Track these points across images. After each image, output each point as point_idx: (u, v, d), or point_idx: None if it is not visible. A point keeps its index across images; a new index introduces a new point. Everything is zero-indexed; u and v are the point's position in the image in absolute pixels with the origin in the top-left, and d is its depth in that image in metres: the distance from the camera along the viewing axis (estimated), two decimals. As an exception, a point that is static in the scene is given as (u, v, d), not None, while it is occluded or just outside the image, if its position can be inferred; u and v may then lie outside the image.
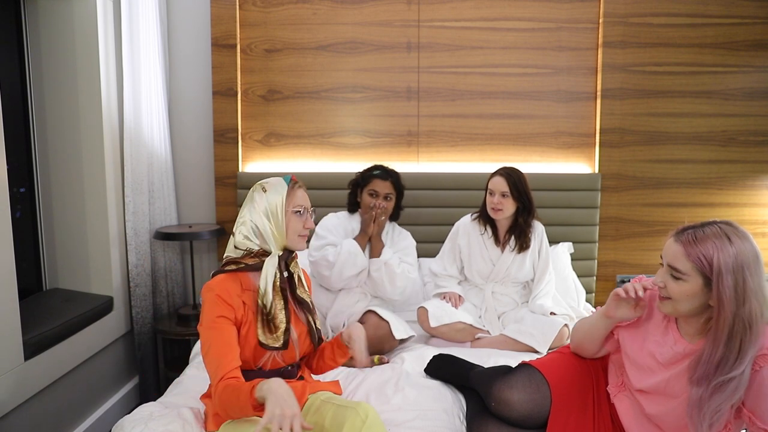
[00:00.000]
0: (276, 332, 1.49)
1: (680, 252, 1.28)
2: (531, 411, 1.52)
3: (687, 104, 3.00)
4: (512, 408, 1.52)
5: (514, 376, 1.59)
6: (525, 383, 1.56)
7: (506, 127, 3.03)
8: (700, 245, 1.25)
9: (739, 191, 3.06)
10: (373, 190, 2.38)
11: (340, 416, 1.39)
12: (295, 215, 1.54)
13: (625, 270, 3.09)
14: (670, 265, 1.31)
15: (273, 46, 2.96)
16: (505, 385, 1.56)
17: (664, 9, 2.94)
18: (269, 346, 1.47)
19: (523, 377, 1.58)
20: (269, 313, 1.47)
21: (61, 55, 2.43)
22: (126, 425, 1.50)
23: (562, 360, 1.66)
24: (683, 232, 1.30)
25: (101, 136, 2.45)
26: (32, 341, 1.97)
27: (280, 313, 1.50)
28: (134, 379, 2.81)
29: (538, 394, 1.54)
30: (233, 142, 2.96)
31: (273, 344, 1.48)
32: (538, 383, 1.56)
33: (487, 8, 2.95)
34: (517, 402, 1.53)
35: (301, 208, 1.55)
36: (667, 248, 1.33)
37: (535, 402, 1.53)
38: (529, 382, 1.56)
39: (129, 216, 2.62)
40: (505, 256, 2.40)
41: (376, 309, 2.29)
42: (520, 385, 1.55)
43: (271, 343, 1.48)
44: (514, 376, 1.60)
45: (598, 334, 1.57)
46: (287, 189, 1.54)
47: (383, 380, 1.86)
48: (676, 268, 1.29)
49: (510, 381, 1.57)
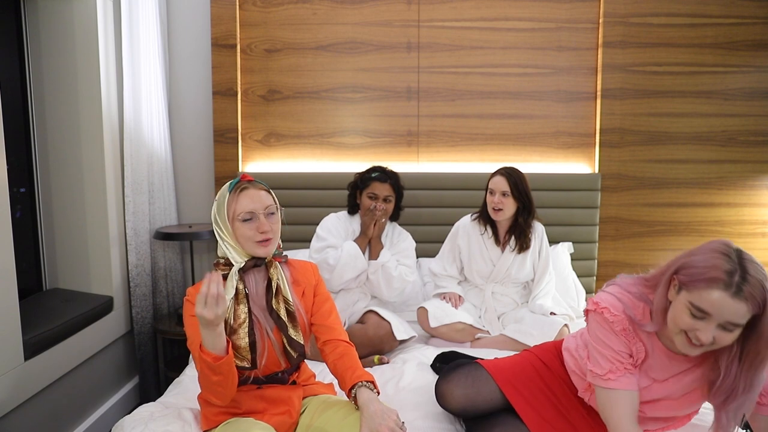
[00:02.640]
0: (240, 351, 1.39)
1: (743, 309, 1.19)
2: (465, 405, 1.59)
3: (687, 104, 3.00)
4: (445, 400, 1.61)
5: (454, 372, 1.66)
6: (461, 379, 1.62)
7: (506, 127, 3.03)
8: (756, 293, 1.17)
9: (739, 191, 3.06)
10: (372, 193, 2.37)
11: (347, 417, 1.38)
12: (243, 223, 1.40)
13: (625, 270, 3.06)
14: (729, 321, 1.20)
15: (273, 46, 2.96)
16: (444, 379, 1.64)
17: (664, 9, 2.94)
18: (238, 365, 1.38)
19: (462, 373, 1.64)
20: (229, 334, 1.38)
21: (61, 55, 2.42)
22: (126, 425, 1.50)
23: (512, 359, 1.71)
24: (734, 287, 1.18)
25: (101, 136, 2.45)
26: (32, 341, 1.97)
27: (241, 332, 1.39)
28: (134, 379, 2.81)
29: (473, 389, 1.59)
30: (233, 142, 2.96)
31: (240, 363, 1.39)
32: (475, 379, 1.61)
33: (487, 8, 2.95)
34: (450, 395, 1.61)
35: (249, 214, 1.40)
36: (721, 307, 1.19)
37: (467, 397, 1.59)
38: (465, 378, 1.62)
39: (129, 216, 2.62)
40: (505, 257, 2.40)
41: (377, 309, 2.29)
42: (455, 380, 1.62)
43: (238, 362, 1.38)
44: (455, 372, 1.66)
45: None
46: (227, 196, 1.41)
47: (383, 380, 1.86)
48: (734, 323, 1.21)
49: (449, 376, 1.65)
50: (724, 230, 3.08)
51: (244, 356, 1.40)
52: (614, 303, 1.40)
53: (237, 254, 1.43)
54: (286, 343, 1.45)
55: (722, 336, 1.23)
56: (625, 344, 1.38)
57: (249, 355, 1.40)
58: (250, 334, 1.41)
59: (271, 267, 1.48)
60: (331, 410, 1.44)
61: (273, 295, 1.46)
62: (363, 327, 2.22)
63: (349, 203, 2.50)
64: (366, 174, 2.43)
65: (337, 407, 1.45)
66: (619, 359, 1.38)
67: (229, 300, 1.39)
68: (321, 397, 1.53)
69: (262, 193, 1.44)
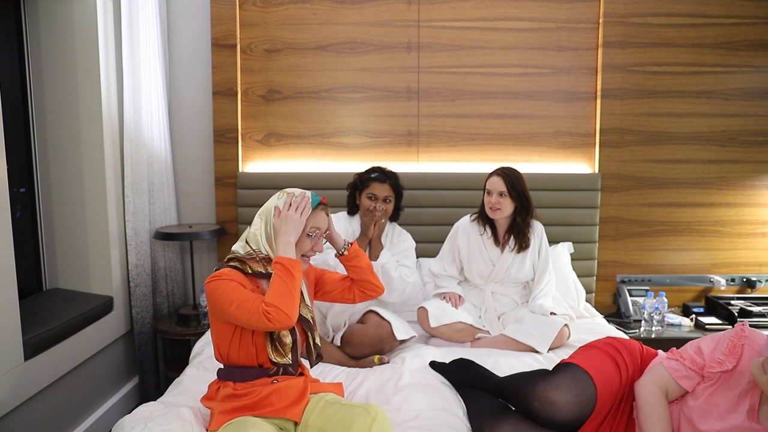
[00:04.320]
0: (284, 349, 1.51)
1: None
2: (576, 413, 1.48)
3: (687, 104, 3.00)
4: (557, 409, 1.48)
5: (558, 376, 1.54)
6: (571, 384, 1.51)
7: (506, 127, 3.03)
8: None
9: (739, 191, 3.06)
10: (371, 194, 2.37)
11: (349, 415, 1.40)
12: (306, 237, 1.55)
13: (625, 270, 3.10)
14: None
15: (273, 46, 2.96)
16: (551, 385, 1.51)
17: (664, 9, 2.94)
18: (280, 363, 1.51)
19: (567, 377, 1.53)
20: (274, 332, 1.50)
21: (61, 56, 2.42)
22: (126, 425, 1.49)
23: (603, 359, 1.61)
24: None
25: (101, 136, 2.45)
26: (32, 341, 1.97)
27: (286, 331, 1.51)
28: (134, 379, 2.81)
29: (584, 397, 1.49)
30: (233, 142, 2.96)
31: (282, 361, 1.51)
32: (585, 386, 1.51)
33: (487, 8, 2.95)
34: (564, 404, 1.48)
35: (316, 231, 1.57)
36: None
37: (579, 405, 1.49)
38: (576, 384, 1.51)
39: (129, 216, 2.62)
40: (504, 256, 2.40)
41: (377, 309, 2.29)
42: (565, 386, 1.51)
43: (280, 360, 1.51)
44: (558, 376, 1.55)
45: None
46: (311, 211, 1.55)
47: (383, 380, 1.86)
48: None
49: (555, 381, 1.53)
50: (724, 230, 3.08)
51: (286, 353, 1.51)
52: (762, 338, 1.43)
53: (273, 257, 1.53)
54: (311, 344, 1.60)
55: None
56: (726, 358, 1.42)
57: (290, 353, 1.52)
58: (292, 332, 1.53)
59: None
60: (330, 409, 1.46)
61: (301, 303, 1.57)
62: (363, 327, 2.22)
63: (349, 204, 2.50)
64: (365, 174, 2.43)
65: (337, 406, 1.46)
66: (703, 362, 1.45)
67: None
68: (326, 396, 1.54)
69: (326, 216, 1.63)
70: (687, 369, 1.47)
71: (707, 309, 2.98)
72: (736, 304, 2.91)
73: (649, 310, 2.77)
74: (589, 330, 2.43)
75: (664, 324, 2.80)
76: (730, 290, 3.09)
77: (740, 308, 2.85)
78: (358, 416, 1.37)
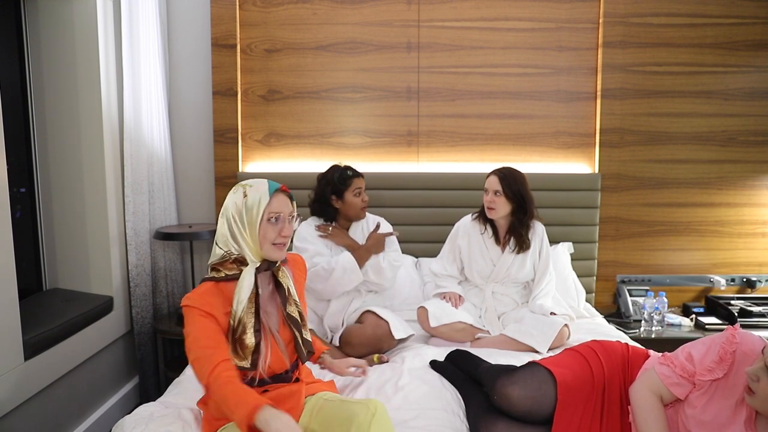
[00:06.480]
0: (244, 351, 1.41)
1: None
2: (530, 407, 1.55)
3: (687, 104, 3.00)
4: (511, 403, 1.56)
5: (517, 373, 1.63)
6: (527, 380, 1.58)
7: (506, 127, 3.03)
8: None
9: (739, 191, 3.06)
10: (358, 189, 2.37)
11: (348, 410, 1.39)
12: (269, 223, 1.44)
13: (625, 270, 3.10)
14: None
15: (273, 46, 2.96)
16: (508, 380, 1.59)
17: (664, 9, 2.94)
18: (237, 365, 1.40)
19: (526, 374, 1.61)
20: (236, 332, 1.41)
21: (61, 55, 2.43)
22: (126, 425, 1.50)
23: (575, 358, 1.67)
24: None
25: (101, 136, 2.45)
26: (32, 341, 1.97)
27: (249, 333, 1.42)
28: (134, 379, 2.81)
29: (539, 391, 1.56)
30: (233, 142, 2.96)
31: (240, 363, 1.40)
32: (541, 381, 1.57)
33: (487, 8, 2.95)
34: (517, 398, 1.56)
35: (277, 214, 1.45)
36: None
37: (534, 399, 1.55)
38: (532, 380, 1.58)
39: (129, 216, 2.62)
40: (505, 257, 2.40)
41: (375, 309, 2.29)
42: (521, 382, 1.58)
43: (238, 362, 1.40)
44: (518, 372, 1.63)
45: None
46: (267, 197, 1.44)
47: (383, 380, 1.86)
48: None
49: (513, 377, 1.60)
50: (724, 230, 3.08)
51: (246, 356, 1.41)
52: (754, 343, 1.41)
53: (253, 255, 1.46)
54: (300, 343, 1.51)
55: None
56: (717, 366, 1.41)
57: (251, 356, 1.42)
58: (256, 334, 1.43)
59: (279, 270, 1.51)
60: (330, 406, 1.46)
61: (286, 297, 1.51)
62: (361, 327, 2.22)
63: (325, 211, 2.39)
64: (342, 175, 2.37)
65: (337, 403, 1.46)
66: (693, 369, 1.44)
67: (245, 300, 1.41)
68: (324, 395, 1.53)
69: (288, 200, 1.50)
70: (678, 376, 1.46)
71: (707, 309, 2.98)
72: (736, 304, 2.91)
73: (649, 310, 2.77)
74: (589, 330, 2.43)
75: (664, 324, 2.81)
76: (730, 290, 3.10)
77: (740, 308, 2.85)
78: (358, 412, 1.36)
